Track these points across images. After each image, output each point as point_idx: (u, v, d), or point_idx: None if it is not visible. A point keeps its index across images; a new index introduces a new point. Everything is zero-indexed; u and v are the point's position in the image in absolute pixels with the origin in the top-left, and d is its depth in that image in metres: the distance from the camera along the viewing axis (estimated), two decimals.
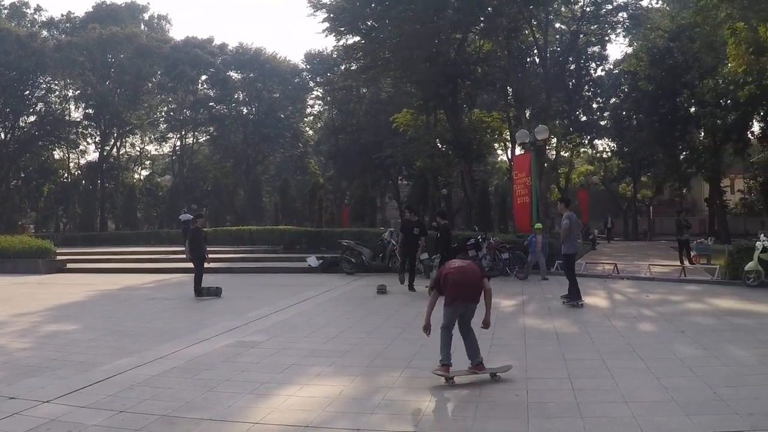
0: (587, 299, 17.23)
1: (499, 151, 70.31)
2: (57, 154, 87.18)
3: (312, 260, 28.73)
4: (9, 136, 78.91)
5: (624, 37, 54.04)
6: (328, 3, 43.22)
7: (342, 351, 11.43)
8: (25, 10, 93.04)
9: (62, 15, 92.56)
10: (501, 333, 12.91)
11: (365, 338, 12.66)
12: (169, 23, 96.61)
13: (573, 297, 16.76)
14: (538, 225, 25.65)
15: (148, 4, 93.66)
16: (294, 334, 13.35)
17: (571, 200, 20.47)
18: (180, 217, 43.75)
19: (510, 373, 9.50)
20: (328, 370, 10.03)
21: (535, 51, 48.62)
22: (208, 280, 20.22)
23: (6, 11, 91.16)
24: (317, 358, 10.87)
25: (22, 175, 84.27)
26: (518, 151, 45.77)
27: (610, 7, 48.04)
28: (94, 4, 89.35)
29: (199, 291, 19.79)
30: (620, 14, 49.10)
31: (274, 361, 10.75)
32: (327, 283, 23.01)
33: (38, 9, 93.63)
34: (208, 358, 11.17)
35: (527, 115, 47.60)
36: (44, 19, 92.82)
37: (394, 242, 25.49)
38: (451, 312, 9.37)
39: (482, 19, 42.34)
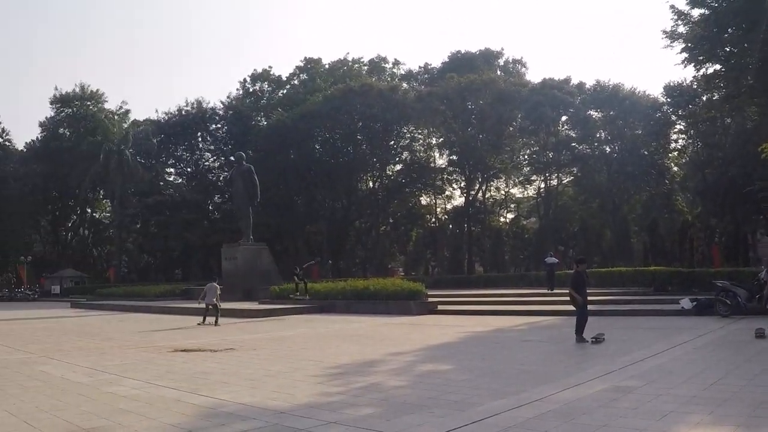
0: None
1: None
2: (424, 200, 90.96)
3: (685, 302, 27.79)
4: (377, 184, 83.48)
5: None
6: (684, 33, 42.06)
7: (721, 399, 10.87)
8: (384, 65, 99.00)
9: (420, 67, 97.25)
10: None
11: (745, 386, 11.97)
12: (525, 66, 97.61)
13: None
14: None
15: (502, 49, 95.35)
16: (670, 379, 12.90)
17: None
18: (546, 260, 43.98)
19: None
20: (707, 418, 9.58)
21: None
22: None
23: (366, 67, 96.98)
24: (696, 406, 10.42)
25: (391, 220, 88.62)
26: None
27: None
28: (449, 54, 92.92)
29: (581, 336, 19.54)
30: None
31: (652, 407, 10.41)
32: (701, 327, 22.13)
33: (396, 63, 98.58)
34: (583, 402, 11.01)
35: None
36: (402, 72, 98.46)
37: None
38: None
39: None
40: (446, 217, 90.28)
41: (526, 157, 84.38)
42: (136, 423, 10.07)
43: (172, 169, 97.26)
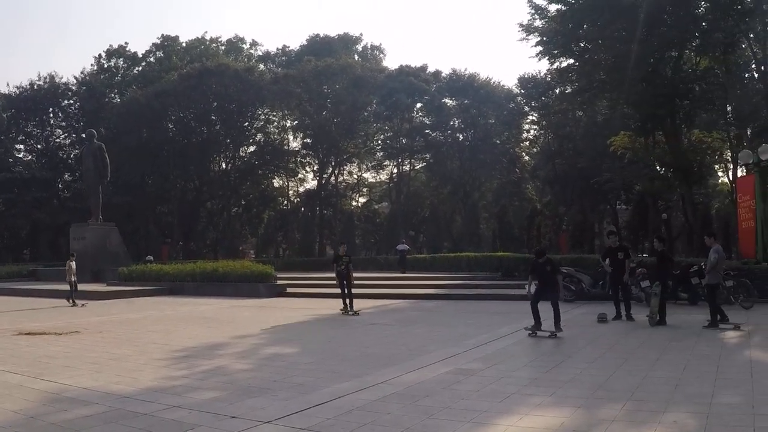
0: None
1: (720, 173, 67.91)
2: (276, 183, 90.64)
3: (531, 288, 28.43)
4: (230, 165, 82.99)
5: None
6: (541, 27, 42.88)
7: (562, 381, 11.22)
8: (241, 45, 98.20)
9: (278, 49, 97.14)
10: (725, 366, 12.35)
11: (586, 368, 12.39)
12: (382, 53, 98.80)
13: (713, 323, 17.61)
14: None
15: (361, 35, 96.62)
16: (513, 362, 13.31)
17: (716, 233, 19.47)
18: (397, 247, 44.61)
19: (737, 409, 9.14)
20: (548, 400, 9.88)
21: (754, 65, 46.65)
22: (425, 307, 20.28)
23: (223, 47, 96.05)
24: (537, 388, 10.75)
25: (243, 202, 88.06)
26: (740, 172, 44.22)
27: None
28: (308, 38, 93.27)
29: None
30: None
31: (494, 389, 10.68)
32: (546, 311, 22.72)
33: (254, 44, 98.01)
34: (427, 384, 11.19)
35: (749, 133, 45.86)
36: (260, 54, 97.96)
37: None
38: None
39: (697, 34, 40.94)
40: (298, 199, 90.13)
41: (379, 142, 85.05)
42: None
43: (21, 146, 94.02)
